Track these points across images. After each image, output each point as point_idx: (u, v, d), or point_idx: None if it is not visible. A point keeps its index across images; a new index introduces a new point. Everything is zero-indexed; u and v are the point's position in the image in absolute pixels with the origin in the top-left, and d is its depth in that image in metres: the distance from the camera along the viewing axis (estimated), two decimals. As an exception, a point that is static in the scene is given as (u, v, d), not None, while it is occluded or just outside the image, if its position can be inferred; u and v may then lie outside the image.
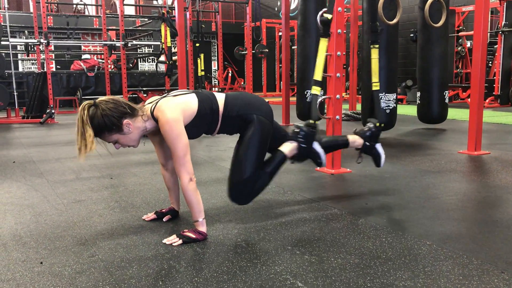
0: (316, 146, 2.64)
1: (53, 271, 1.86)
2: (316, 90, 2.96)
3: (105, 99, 2.15)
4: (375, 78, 3.25)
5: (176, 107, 2.17)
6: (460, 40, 10.92)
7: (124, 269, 1.87)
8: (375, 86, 3.25)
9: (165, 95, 2.29)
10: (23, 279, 1.79)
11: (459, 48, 10.93)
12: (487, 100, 9.67)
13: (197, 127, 2.28)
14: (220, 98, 2.35)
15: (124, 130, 2.15)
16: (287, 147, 2.56)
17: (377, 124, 2.87)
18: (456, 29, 10.67)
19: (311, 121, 2.66)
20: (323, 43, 2.99)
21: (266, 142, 2.42)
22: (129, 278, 1.79)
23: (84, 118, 2.06)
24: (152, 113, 2.20)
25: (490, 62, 10.94)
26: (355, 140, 2.86)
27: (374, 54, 3.27)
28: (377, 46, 3.28)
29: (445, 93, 6.20)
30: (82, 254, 2.04)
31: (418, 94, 6.35)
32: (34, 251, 2.08)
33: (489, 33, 9.63)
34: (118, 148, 2.25)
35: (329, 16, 2.98)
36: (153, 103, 2.23)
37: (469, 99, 6.22)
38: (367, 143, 2.85)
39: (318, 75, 2.98)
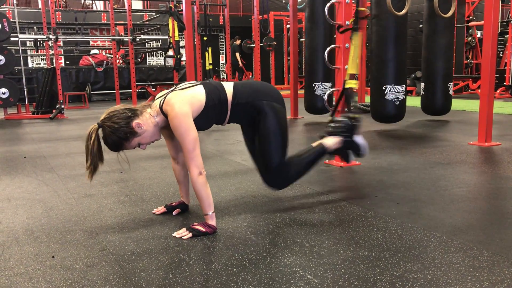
0: (358, 138, 2.70)
1: (65, 264, 1.88)
2: (351, 83, 2.95)
3: (106, 115, 2.16)
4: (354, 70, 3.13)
5: (184, 101, 2.18)
6: (470, 30, 10.80)
7: (135, 262, 1.88)
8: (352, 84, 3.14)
9: (173, 88, 2.30)
10: (35, 273, 1.82)
11: (469, 39, 10.81)
12: (497, 91, 9.58)
13: (207, 119, 2.28)
14: (228, 87, 2.36)
15: (138, 131, 2.17)
16: (330, 141, 2.64)
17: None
18: (466, 19, 10.55)
19: (355, 115, 2.70)
20: (355, 39, 3.10)
21: (284, 126, 2.42)
22: (140, 271, 1.80)
23: (90, 146, 2.10)
24: (161, 108, 2.21)
25: (501, 52, 10.82)
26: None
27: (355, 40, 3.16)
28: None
29: (449, 84, 6.13)
30: (93, 248, 2.06)
31: (422, 85, 6.28)
32: (46, 245, 2.10)
33: (499, 23, 9.50)
34: (145, 148, 2.29)
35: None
36: (162, 98, 2.24)
37: (479, 90, 6.15)
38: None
39: (352, 69, 2.98)
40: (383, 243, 2.02)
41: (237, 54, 13.61)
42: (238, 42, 13.49)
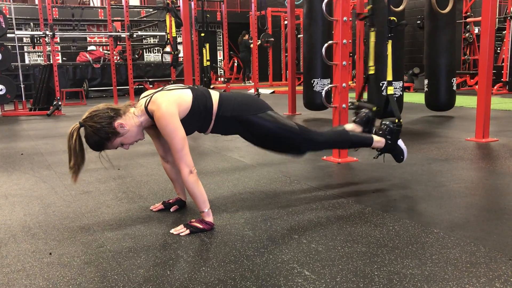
0: (401, 143, 2.81)
1: (62, 261, 1.88)
2: (391, 90, 3.11)
3: (88, 115, 2.15)
4: (371, 62, 3.24)
5: (171, 101, 2.16)
6: (468, 26, 10.79)
7: (132, 259, 1.88)
8: (372, 70, 3.24)
9: (160, 89, 2.28)
10: (32, 270, 1.81)
11: (467, 35, 10.81)
12: (495, 87, 9.58)
13: (190, 123, 2.25)
14: (215, 96, 2.33)
15: (121, 131, 2.15)
16: (376, 138, 2.76)
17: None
18: (463, 15, 10.55)
19: (396, 120, 2.82)
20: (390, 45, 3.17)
21: (275, 117, 2.42)
22: (137, 268, 1.80)
23: (72, 145, 2.08)
24: (146, 107, 2.19)
25: (498, 48, 10.82)
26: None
27: (372, 37, 3.26)
28: (373, 29, 3.30)
29: (453, 80, 6.15)
30: (90, 244, 2.06)
31: (426, 81, 6.30)
32: (43, 242, 2.10)
33: (497, 19, 9.51)
34: (127, 149, 2.27)
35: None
36: (148, 97, 2.22)
37: (477, 86, 6.16)
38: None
39: (390, 75, 3.06)
40: (380, 239, 2.02)
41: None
42: (247, 37, 13.51)
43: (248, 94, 2.57)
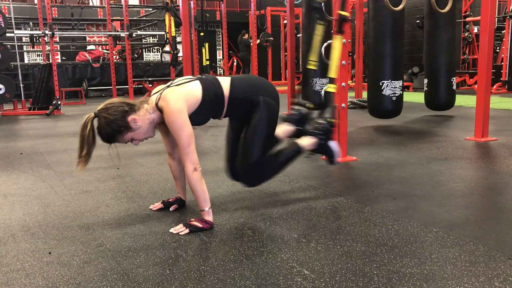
0: (333, 144, 2.68)
1: (62, 261, 1.88)
2: (332, 88, 2.94)
3: (103, 106, 2.17)
4: (313, 56, 3.14)
5: (180, 97, 2.17)
6: (467, 25, 10.79)
7: (132, 258, 1.88)
8: (312, 65, 3.14)
9: (169, 84, 2.30)
10: (32, 269, 1.81)
11: (466, 34, 10.81)
12: (494, 86, 9.58)
13: (203, 114, 2.29)
14: (225, 82, 2.35)
15: (133, 126, 2.17)
16: (306, 141, 2.62)
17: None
18: (463, 14, 10.55)
19: (330, 119, 2.67)
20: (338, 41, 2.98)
21: (273, 124, 2.43)
22: (137, 267, 1.80)
23: (86, 135, 2.09)
24: (157, 104, 2.21)
25: (498, 48, 10.82)
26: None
27: (318, 31, 3.15)
28: (322, 23, 3.13)
29: (453, 79, 6.14)
30: (89, 244, 2.06)
31: (426, 81, 6.30)
32: (43, 241, 2.10)
33: (496, 18, 9.51)
34: (137, 145, 2.29)
35: None
36: (158, 94, 2.24)
37: (476, 85, 6.17)
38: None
39: (333, 73, 2.96)
40: (379, 238, 2.02)
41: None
42: (246, 36, 13.53)
43: (262, 78, 2.56)
